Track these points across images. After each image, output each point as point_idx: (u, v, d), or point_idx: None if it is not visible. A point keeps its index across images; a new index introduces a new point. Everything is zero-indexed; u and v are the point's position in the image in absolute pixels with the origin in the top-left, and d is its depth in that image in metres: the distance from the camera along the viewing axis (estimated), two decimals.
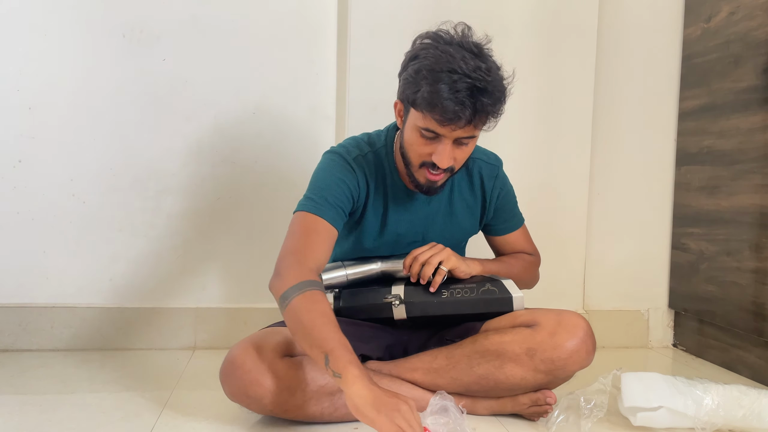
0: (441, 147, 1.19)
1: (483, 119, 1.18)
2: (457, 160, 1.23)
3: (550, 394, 1.25)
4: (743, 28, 1.67)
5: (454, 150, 1.20)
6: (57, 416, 1.25)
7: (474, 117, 1.15)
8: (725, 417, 1.20)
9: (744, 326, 1.65)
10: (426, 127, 1.18)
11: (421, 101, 1.16)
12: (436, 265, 1.28)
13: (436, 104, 1.14)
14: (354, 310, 1.36)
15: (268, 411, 1.17)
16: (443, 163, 1.20)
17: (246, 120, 1.78)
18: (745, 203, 1.65)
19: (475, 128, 1.19)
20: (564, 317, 1.24)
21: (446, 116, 1.14)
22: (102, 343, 1.73)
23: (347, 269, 1.34)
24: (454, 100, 1.13)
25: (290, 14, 1.78)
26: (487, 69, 1.17)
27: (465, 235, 1.45)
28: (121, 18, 1.71)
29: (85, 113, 1.71)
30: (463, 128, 1.16)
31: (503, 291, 1.29)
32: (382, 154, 1.34)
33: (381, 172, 1.33)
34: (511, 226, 1.47)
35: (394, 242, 1.37)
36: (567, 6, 1.84)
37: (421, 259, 1.28)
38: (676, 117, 1.96)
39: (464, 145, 1.21)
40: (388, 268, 1.36)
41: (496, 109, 1.19)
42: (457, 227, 1.41)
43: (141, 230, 1.75)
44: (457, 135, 1.18)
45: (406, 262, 1.30)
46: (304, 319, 1.11)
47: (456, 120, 1.14)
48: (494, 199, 1.43)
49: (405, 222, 1.36)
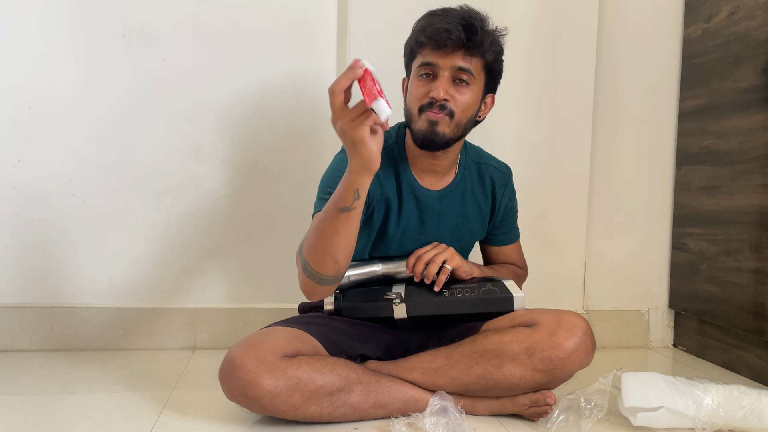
0: (438, 82, 1.24)
1: (477, 45, 1.23)
2: (456, 101, 1.25)
3: (549, 394, 1.25)
4: (743, 28, 1.67)
5: (452, 88, 1.25)
6: (57, 416, 1.25)
7: (466, 38, 1.21)
8: (725, 417, 1.20)
9: (744, 326, 1.65)
10: (422, 62, 1.25)
11: (415, 38, 1.26)
12: (440, 263, 1.28)
13: (427, 29, 1.23)
14: (354, 309, 1.36)
15: (267, 411, 1.17)
16: (438, 94, 1.23)
17: (246, 120, 1.78)
18: (745, 203, 1.65)
19: (469, 56, 1.24)
20: (563, 317, 1.24)
21: (438, 38, 1.21)
22: (102, 343, 1.73)
23: (349, 270, 1.34)
24: (445, 23, 1.22)
25: (290, 14, 1.78)
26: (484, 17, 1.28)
27: (473, 238, 1.46)
28: (121, 18, 1.71)
29: (85, 113, 1.71)
30: (455, 52, 1.22)
31: (504, 291, 1.29)
32: (394, 150, 1.36)
33: (393, 167, 1.35)
34: (511, 239, 1.51)
35: (406, 238, 1.37)
36: (567, 6, 1.84)
37: (426, 258, 1.29)
38: (676, 117, 1.96)
39: (462, 85, 1.25)
40: (390, 270, 1.36)
41: (488, 38, 1.25)
42: (467, 229, 1.42)
43: (141, 230, 1.75)
44: (452, 62, 1.23)
45: (409, 261, 1.31)
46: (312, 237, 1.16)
47: (447, 39, 1.21)
48: (503, 207, 1.45)
49: (415, 218, 1.36)
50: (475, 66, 1.26)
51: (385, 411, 1.23)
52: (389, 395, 1.23)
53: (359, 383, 1.21)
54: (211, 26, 1.75)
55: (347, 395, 1.20)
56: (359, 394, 1.21)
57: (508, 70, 1.82)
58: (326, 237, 1.14)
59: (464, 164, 1.42)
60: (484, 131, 1.81)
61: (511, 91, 1.83)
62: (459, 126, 1.28)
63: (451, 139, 1.28)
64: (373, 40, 1.72)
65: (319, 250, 1.15)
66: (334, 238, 1.13)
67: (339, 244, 1.14)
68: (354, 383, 1.21)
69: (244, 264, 1.80)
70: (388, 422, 1.21)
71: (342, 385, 1.19)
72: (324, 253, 1.15)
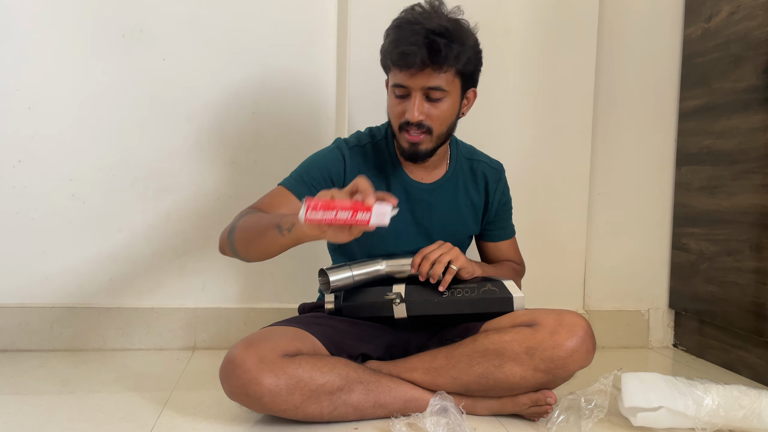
0: (411, 102, 1.25)
1: (442, 62, 1.21)
2: (432, 118, 1.27)
3: (550, 394, 1.25)
4: (743, 28, 1.67)
5: (426, 106, 1.25)
6: (57, 416, 1.25)
7: (430, 58, 1.20)
8: (725, 417, 1.20)
9: (744, 326, 1.65)
10: (394, 83, 1.26)
11: (385, 55, 1.26)
12: (446, 263, 1.28)
13: (394, 51, 1.22)
14: (355, 309, 1.36)
15: (268, 410, 1.17)
16: (413, 116, 1.24)
17: (246, 120, 1.78)
18: (745, 203, 1.65)
19: (437, 73, 1.22)
20: (564, 316, 1.24)
21: (404, 60, 1.21)
22: (102, 343, 1.73)
23: (353, 270, 1.33)
24: (409, 43, 1.20)
25: (290, 14, 1.78)
26: (450, 21, 1.23)
27: (467, 232, 1.46)
28: (121, 18, 1.71)
29: (85, 113, 1.71)
30: (422, 72, 1.21)
31: (504, 291, 1.29)
32: (382, 146, 1.39)
33: (381, 162, 1.37)
34: (507, 234, 1.52)
35: (398, 231, 1.36)
36: (567, 6, 1.84)
37: (432, 257, 1.28)
38: (676, 117, 1.96)
39: (436, 101, 1.25)
40: (394, 268, 1.35)
41: (454, 51, 1.22)
42: (460, 223, 1.42)
43: (141, 230, 1.75)
44: (421, 83, 1.23)
45: (415, 260, 1.30)
46: (249, 225, 1.23)
47: (412, 62, 1.20)
48: (496, 202, 1.46)
49: (405, 211, 1.37)
50: (446, 79, 1.25)
51: (386, 410, 1.23)
52: (390, 395, 1.23)
53: (360, 382, 1.21)
54: (211, 26, 1.75)
55: (348, 394, 1.20)
56: (360, 393, 1.21)
57: (508, 70, 1.83)
58: (256, 232, 1.22)
59: (456, 159, 1.43)
60: (485, 131, 1.81)
61: (511, 91, 1.84)
62: (441, 136, 1.31)
63: (435, 149, 1.32)
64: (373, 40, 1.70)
65: (245, 234, 1.24)
66: (260, 238, 1.21)
67: (259, 244, 1.22)
68: (354, 382, 1.21)
69: (244, 264, 1.79)
70: (388, 422, 1.21)
71: (342, 385, 1.19)
72: (247, 239, 1.24)
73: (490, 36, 1.80)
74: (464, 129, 1.75)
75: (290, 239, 1.15)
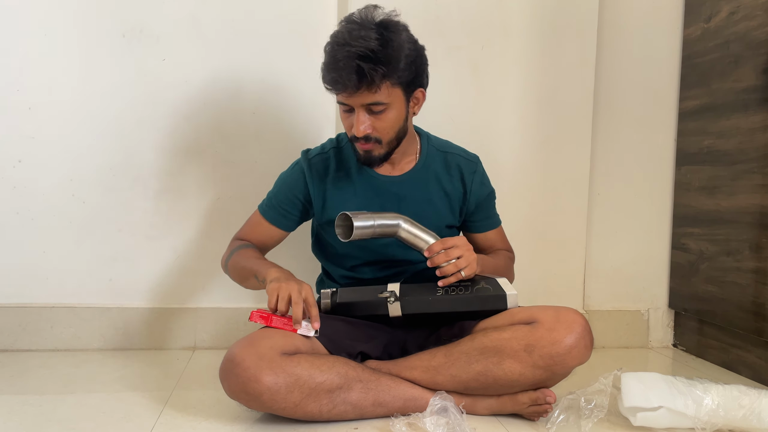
0: (355, 117, 1.29)
1: (371, 84, 1.24)
2: (379, 129, 1.30)
3: (549, 393, 1.25)
4: (743, 28, 1.67)
5: (371, 119, 1.29)
6: (57, 416, 1.25)
7: (359, 80, 1.23)
8: (725, 417, 1.20)
9: (744, 326, 1.65)
10: (337, 100, 1.32)
11: (322, 77, 1.29)
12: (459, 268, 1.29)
13: (327, 76, 1.27)
14: (349, 307, 1.36)
15: (267, 408, 1.17)
16: (358, 132, 1.29)
17: (246, 120, 1.78)
18: (745, 203, 1.65)
19: (372, 91, 1.25)
20: (562, 313, 1.24)
21: (334, 85, 1.26)
22: (102, 343, 1.73)
23: (375, 219, 1.31)
24: (335, 68, 1.24)
25: (290, 14, 1.78)
26: (378, 38, 1.23)
27: (442, 222, 1.45)
28: (121, 18, 1.71)
29: (85, 113, 1.71)
30: (358, 92, 1.25)
31: (497, 289, 1.30)
32: (347, 149, 1.44)
33: (345, 164, 1.43)
34: (492, 224, 1.53)
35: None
36: (567, 6, 1.84)
37: (452, 254, 1.29)
38: (676, 117, 1.96)
39: (380, 113, 1.29)
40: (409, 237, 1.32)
41: (381, 72, 1.23)
42: (434, 214, 1.43)
43: (141, 230, 1.75)
44: (359, 101, 1.27)
45: (434, 247, 1.30)
46: (237, 266, 1.41)
47: (342, 86, 1.25)
48: (475, 192, 1.47)
49: (376, 206, 1.39)
50: (384, 93, 1.26)
51: (385, 409, 1.24)
52: (389, 393, 1.24)
53: (359, 381, 1.21)
54: (211, 26, 1.75)
55: (347, 393, 1.20)
56: (359, 392, 1.21)
57: (508, 70, 1.83)
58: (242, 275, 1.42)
59: (426, 152, 1.45)
60: (485, 131, 1.81)
61: (511, 91, 1.84)
62: (391, 142, 1.34)
63: (389, 153, 1.36)
64: None
65: (235, 272, 1.44)
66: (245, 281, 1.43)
67: (247, 285, 1.44)
68: (354, 381, 1.21)
69: None
70: (387, 421, 1.22)
71: (341, 383, 1.19)
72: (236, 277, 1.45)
73: (490, 36, 1.81)
74: (464, 129, 1.76)
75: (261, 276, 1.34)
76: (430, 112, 1.62)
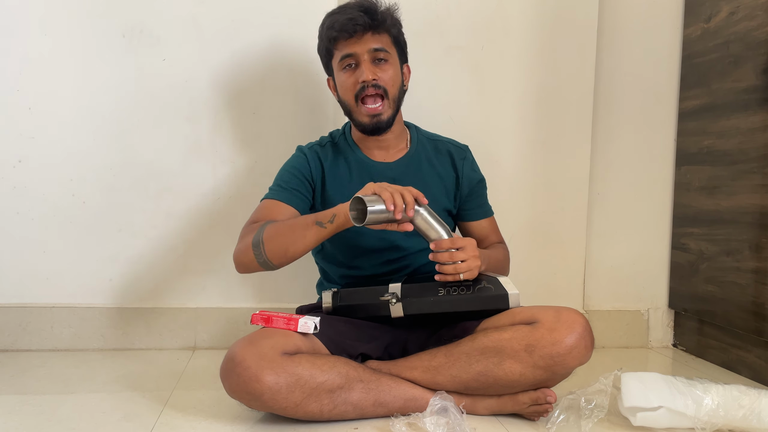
0: (362, 66, 1.37)
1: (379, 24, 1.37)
2: (384, 80, 1.38)
3: (550, 392, 1.25)
4: (743, 28, 1.67)
5: (375, 69, 1.37)
6: (57, 416, 1.25)
7: (370, 19, 1.35)
8: (725, 417, 1.20)
9: (744, 326, 1.65)
10: (343, 55, 1.38)
11: (327, 36, 1.38)
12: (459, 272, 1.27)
13: (335, 25, 1.36)
14: (351, 309, 1.36)
15: (268, 408, 1.17)
16: (367, 76, 1.35)
17: (246, 120, 1.78)
18: (745, 203, 1.65)
19: (378, 35, 1.37)
20: (562, 313, 1.24)
21: (347, 27, 1.34)
22: (102, 343, 1.73)
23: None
24: (345, 12, 1.37)
25: (290, 14, 1.78)
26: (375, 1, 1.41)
27: (437, 204, 1.43)
28: (121, 18, 1.71)
29: (85, 113, 1.71)
30: (365, 35, 1.36)
31: (499, 288, 1.30)
32: (341, 141, 1.50)
33: (340, 153, 1.47)
34: (484, 213, 1.55)
35: None
36: (567, 6, 1.84)
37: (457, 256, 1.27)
38: (676, 117, 1.96)
39: (383, 62, 1.38)
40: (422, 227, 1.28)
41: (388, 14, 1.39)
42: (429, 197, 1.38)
43: (141, 230, 1.75)
44: (367, 46, 1.36)
45: (443, 244, 1.27)
46: (281, 231, 1.30)
47: (356, 26, 1.34)
48: (467, 176, 1.50)
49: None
50: (386, 42, 1.39)
51: (386, 409, 1.24)
52: (390, 393, 1.24)
53: (360, 381, 1.22)
54: (211, 26, 1.75)
55: (348, 393, 1.20)
56: (360, 391, 1.21)
57: (508, 70, 1.83)
58: (294, 236, 1.29)
59: (417, 140, 1.51)
60: (485, 131, 1.81)
61: (511, 91, 1.84)
62: (394, 101, 1.42)
63: (393, 116, 1.42)
64: None
65: (280, 241, 1.29)
66: (300, 240, 1.28)
67: (299, 246, 1.30)
68: (354, 381, 1.21)
69: None
70: (388, 421, 1.22)
71: (342, 383, 1.19)
72: (283, 246, 1.29)
73: (490, 36, 1.81)
74: (464, 128, 1.75)
75: (331, 228, 1.27)
76: (430, 111, 1.62)
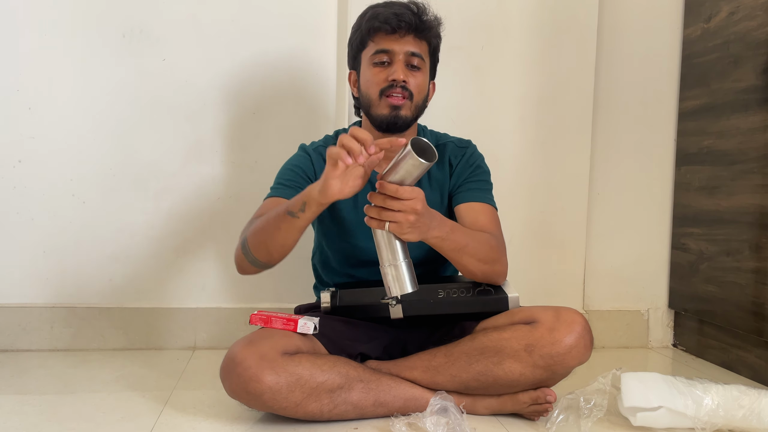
0: (394, 66, 1.33)
1: (424, 28, 1.33)
2: (412, 85, 1.34)
3: (550, 392, 1.25)
4: (743, 28, 1.67)
5: (407, 73, 1.33)
6: (57, 416, 1.25)
7: (418, 20, 1.32)
8: (725, 417, 1.20)
9: (744, 326, 1.65)
10: (377, 49, 1.33)
11: (367, 26, 1.33)
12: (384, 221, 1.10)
13: (379, 16, 1.32)
14: (350, 310, 1.36)
15: (268, 408, 1.17)
16: (399, 76, 1.31)
17: (246, 120, 1.78)
18: (745, 203, 1.65)
19: (419, 40, 1.33)
20: (562, 313, 1.24)
21: (392, 22, 1.30)
22: (102, 343, 1.73)
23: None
24: (394, 9, 1.32)
25: (290, 14, 1.78)
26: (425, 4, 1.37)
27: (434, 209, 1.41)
28: (121, 18, 1.71)
29: (85, 113, 1.72)
30: (407, 35, 1.32)
31: (499, 291, 1.31)
32: None
33: None
34: (478, 196, 1.38)
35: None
36: (567, 6, 1.84)
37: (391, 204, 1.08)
38: (676, 117, 1.96)
39: (416, 69, 1.35)
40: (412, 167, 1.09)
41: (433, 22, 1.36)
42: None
43: (141, 230, 1.75)
44: (405, 47, 1.32)
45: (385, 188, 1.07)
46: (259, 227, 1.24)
47: (401, 22, 1.30)
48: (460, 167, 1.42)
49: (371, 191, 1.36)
50: (424, 50, 1.36)
51: (386, 409, 1.24)
52: (390, 393, 1.24)
53: (360, 381, 1.22)
54: (211, 26, 1.75)
55: (348, 393, 1.20)
56: (360, 391, 1.21)
57: (508, 70, 1.83)
58: (270, 229, 1.23)
59: None
60: (485, 131, 1.81)
61: (511, 91, 1.84)
62: (417, 108, 1.37)
63: (411, 121, 1.37)
64: None
65: (259, 236, 1.24)
66: (275, 233, 1.22)
67: (276, 239, 1.22)
68: (354, 381, 1.21)
69: None
70: (388, 421, 1.22)
71: (342, 383, 1.19)
72: (263, 241, 1.24)
73: (490, 36, 1.81)
74: (464, 129, 1.75)
75: (305, 218, 1.18)
76: (430, 112, 1.62)
